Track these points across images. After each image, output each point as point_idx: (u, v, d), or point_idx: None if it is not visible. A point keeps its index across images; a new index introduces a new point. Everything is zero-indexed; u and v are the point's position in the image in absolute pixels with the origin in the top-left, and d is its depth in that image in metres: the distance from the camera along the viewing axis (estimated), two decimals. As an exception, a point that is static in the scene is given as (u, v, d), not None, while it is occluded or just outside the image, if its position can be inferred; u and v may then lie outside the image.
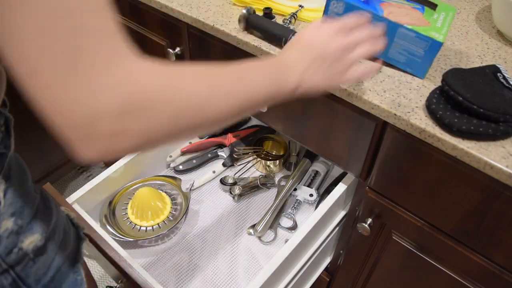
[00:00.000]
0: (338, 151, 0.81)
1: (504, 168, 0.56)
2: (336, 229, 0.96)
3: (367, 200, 0.82)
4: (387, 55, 0.72)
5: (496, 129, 0.59)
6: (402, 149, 0.69)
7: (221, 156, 1.10)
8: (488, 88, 0.62)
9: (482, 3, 0.91)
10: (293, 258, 0.84)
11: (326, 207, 0.84)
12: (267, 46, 0.77)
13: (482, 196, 0.63)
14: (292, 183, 1.02)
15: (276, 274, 0.78)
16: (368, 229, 0.82)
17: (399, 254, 0.83)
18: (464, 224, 0.68)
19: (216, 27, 0.82)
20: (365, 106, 0.68)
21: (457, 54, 0.76)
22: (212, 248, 0.94)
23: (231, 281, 0.89)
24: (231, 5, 0.89)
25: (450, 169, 0.64)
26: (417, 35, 0.66)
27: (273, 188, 1.06)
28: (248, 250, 0.93)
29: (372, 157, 0.76)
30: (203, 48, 0.92)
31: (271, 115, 0.89)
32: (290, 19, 0.80)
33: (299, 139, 0.87)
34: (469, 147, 0.59)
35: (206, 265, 0.90)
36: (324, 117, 0.78)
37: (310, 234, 0.84)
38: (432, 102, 0.63)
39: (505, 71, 0.66)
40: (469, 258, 0.71)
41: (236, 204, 1.02)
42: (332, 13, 0.71)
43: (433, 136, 0.61)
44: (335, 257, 1.04)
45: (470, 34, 0.81)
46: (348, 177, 0.90)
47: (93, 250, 0.85)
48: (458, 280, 0.76)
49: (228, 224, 0.98)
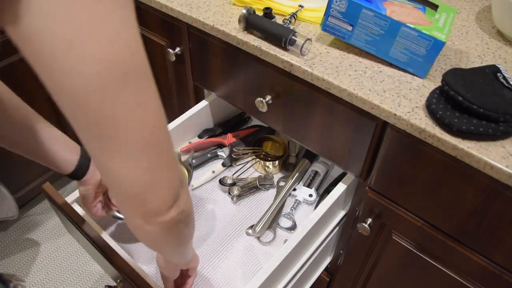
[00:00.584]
0: (338, 151, 0.81)
1: (504, 168, 0.56)
2: (336, 229, 0.96)
3: (367, 200, 0.82)
4: (388, 54, 0.72)
5: (496, 129, 0.59)
6: (402, 149, 0.69)
7: (220, 156, 1.10)
8: (488, 88, 0.62)
9: (482, 3, 0.91)
10: (293, 258, 0.84)
11: (325, 207, 0.84)
12: (267, 46, 0.77)
13: (482, 196, 0.63)
14: (291, 183, 1.02)
15: (275, 274, 0.78)
16: (368, 229, 0.82)
17: (399, 254, 0.83)
18: (464, 224, 0.68)
19: (216, 27, 0.82)
20: (365, 106, 0.68)
21: (457, 54, 0.76)
22: (211, 248, 0.94)
23: (230, 281, 0.88)
24: (231, 5, 0.89)
25: (450, 169, 0.64)
26: (420, 34, 0.66)
27: (272, 189, 1.06)
28: (247, 250, 0.93)
29: (372, 157, 0.76)
30: (203, 48, 0.92)
31: (271, 115, 0.89)
32: (290, 19, 0.80)
33: (299, 139, 0.87)
34: (469, 147, 0.59)
35: (205, 265, 0.89)
36: (324, 117, 0.78)
37: (310, 234, 0.84)
38: (432, 102, 0.63)
39: (505, 71, 0.66)
40: (469, 258, 0.71)
41: (234, 205, 1.02)
42: (334, 11, 0.71)
43: (433, 136, 0.61)
44: (335, 257, 1.04)
45: (470, 34, 0.81)
46: (348, 177, 0.90)
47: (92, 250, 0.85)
48: (458, 280, 0.76)
49: (227, 224, 0.98)
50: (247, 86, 0.89)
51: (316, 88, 0.75)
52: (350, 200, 0.93)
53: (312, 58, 0.74)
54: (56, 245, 1.57)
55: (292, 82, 0.78)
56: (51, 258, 1.54)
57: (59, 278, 1.48)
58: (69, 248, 1.56)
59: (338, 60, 0.74)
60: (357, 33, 0.72)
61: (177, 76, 1.09)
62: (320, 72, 0.71)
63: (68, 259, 1.54)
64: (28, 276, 1.48)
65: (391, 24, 0.67)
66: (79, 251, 1.55)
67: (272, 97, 0.85)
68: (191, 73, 1.02)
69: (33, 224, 1.64)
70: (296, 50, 0.75)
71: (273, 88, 0.83)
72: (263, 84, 0.85)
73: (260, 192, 1.05)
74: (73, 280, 1.48)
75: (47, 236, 1.60)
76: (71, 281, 1.48)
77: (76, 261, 1.54)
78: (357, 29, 0.71)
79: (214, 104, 1.11)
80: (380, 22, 0.68)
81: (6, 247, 1.56)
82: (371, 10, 0.68)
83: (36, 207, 1.69)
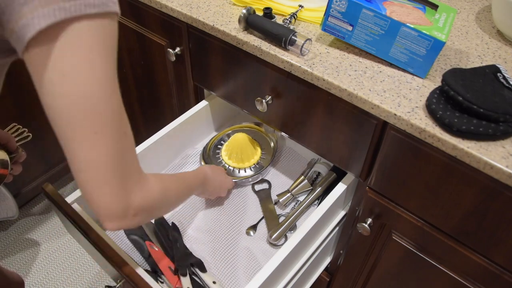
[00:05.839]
0: (338, 151, 0.81)
1: (504, 168, 0.56)
2: (336, 229, 0.96)
3: (367, 200, 0.82)
4: (388, 54, 0.72)
5: (496, 129, 0.59)
6: (402, 149, 0.69)
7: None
8: (488, 88, 0.62)
9: (482, 3, 0.91)
10: (293, 258, 0.84)
11: (325, 207, 0.84)
12: (267, 46, 0.77)
13: (482, 196, 0.63)
14: (313, 196, 0.99)
15: (275, 274, 0.78)
16: (368, 229, 0.82)
17: (399, 254, 0.83)
18: (464, 224, 0.68)
19: (216, 27, 0.82)
20: (365, 106, 0.68)
21: (457, 54, 0.76)
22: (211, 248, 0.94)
23: (230, 281, 0.88)
24: (231, 5, 0.89)
25: (450, 169, 0.64)
26: (420, 34, 0.66)
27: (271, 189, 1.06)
28: (248, 250, 0.93)
29: (372, 157, 0.76)
30: (203, 48, 0.92)
31: (271, 115, 0.89)
32: (290, 19, 0.80)
33: (299, 139, 0.87)
34: (469, 147, 0.59)
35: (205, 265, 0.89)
36: (324, 117, 0.78)
37: (310, 234, 0.84)
38: (432, 102, 0.63)
39: (505, 71, 0.66)
40: (469, 258, 0.71)
41: (234, 205, 1.02)
42: (334, 11, 0.71)
43: (433, 136, 0.61)
44: (335, 257, 1.04)
45: (470, 34, 0.81)
46: (348, 177, 0.90)
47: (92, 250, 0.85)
48: (458, 280, 0.76)
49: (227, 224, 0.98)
50: (247, 86, 0.89)
51: (316, 88, 0.75)
52: (350, 200, 0.93)
53: (312, 58, 0.74)
54: (56, 245, 1.57)
55: (292, 82, 0.78)
56: (51, 258, 1.54)
57: (59, 278, 1.48)
58: (69, 248, 1.56)
59: (338, 60, 0.74)
60: (357, 33, 0.72)
61: (177, 76, 1.09)
62: (320, 72, 0.71)
63: (68, 259, 1.54)
64: (28, 276, 1.48)
65: (391, 24, 0.68)
66: (79, 251, 1.55)
67: (272, 97, 0.85)
68: (191, 73, 1.02)
69: (33, 224, 1.64)
70: (296, 50, 0.75)
71: (273, 88, 0.83)
72: (263, 84, 0.85)
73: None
74: (73, 280, 1.48)
75: (47, 236, 1.60)
76: (71, 281, 1.48)
77: (76, 261, 1.54)
78: (357, 29, 0.71)
79: (214, 104, 1.11)
80: (380, 22, 0.68)
81: (6, 247, 1.56)
82: (371, 10, 0.68)
83: (36, 207, 1.69)
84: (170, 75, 1.10)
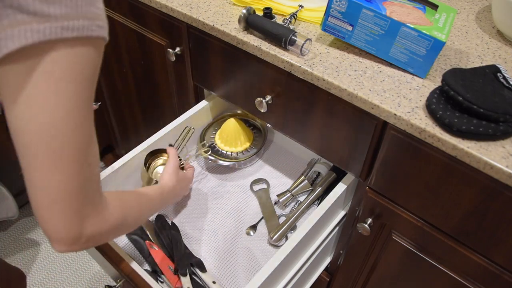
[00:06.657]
0: (338, 151, 0.81)
1: (504, 168, 0.56)
2: (336, 229, 0.96)
3: (367, 200, 0.82)
4: (388, 54, 0.72)
5: (496, 129, 0.59)
6: (402, 149, 0.69)
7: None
8: (488, 88, 0.62)
9: (482, 3, 0.91)
10: (293, 258, 0.84)
11: (325, 207, 0.84)
12: (267, 46, 0.77)
13: (482, 196, 0.63)
14: (313, 197, 1.00)
15: (275, 273, 0.78)
16: (368, 229, 0.82)
17: (399, 254, 0.83)
18: (464, 224, 0.68)
19: (216, 27, 0.83)
20: (365, 106, 0.68)
21: (457, 54, 0.76)
22: (211, 248, 0.94)
23: (230, 280, 0.89)
24: (231, 5, 0.89)
25: (450, 169, 0.64)
26: (420, 34, 0.66)
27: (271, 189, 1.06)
28: (248, 250, 0.93)
29: (372, 157, 0.76)
30: (203, 48, 0.92)
31: (271, 115, 0.89)
32: (290, 19, 0.80)
33: (299, 139, 0.87)
34: (469, 147, 0.59)
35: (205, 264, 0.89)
36: (324, 117, 0.78)
37: (310, 234, 0.84)
38: (432, 102, 0.63)
39: (505, 71, 0.66)
40: (469, 258, 0.71)
41: (234, 205, 1.02)
42: (334, 11, 0.71)
43: (433, 136, 0.61)
44: (335, 257, 1.04)
45: (470, 34, 0.81)
46: (348, 177, 0.90)
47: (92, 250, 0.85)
48: (458, 280, 0.76)
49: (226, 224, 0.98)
50: (247, 86, 0.89)
51: (316, 88, 0.75)
52: (350, 200, 0.93)
53: (312, 58, 0.74)
54: (56, 245, 1.57)
55: (292, 82, 0.78)
56: (51, 258, 1.54)
57: (59, 278, 1.49)
58: (69, 248, 1.56)
59: (338, 60, 0.74)
60: (357, 33, 0.72)
61: (177, 76, 1.09)
62: (320, 72, 0.71)
63: (68, 259, 1.54)
64: (28, 276, 1.48)
65: (391, 24, 0.68)
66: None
67: (272, 97, 0.85)
68: (191, 73, 1.02)
69: (33, 224, 1.64)
70: (296, 50, 0.75)
71: (273, 88, 0.83)
72: (263, 84, 0.85)
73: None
74: (73, 280, 1.48)
75: (47, 236, 1.60)
76: (71, 281, 1.48)
77: (76, 261, 1.54)
78: (357, 29, 0.71)
79: (214, 104, 1.11)
80: (380, 22, 0.68)
81: (6, 247, 1.56)
82: (371, 10, 0.68)
83: (36, 207, 1.69)
84: (170, 75, 1.10)
